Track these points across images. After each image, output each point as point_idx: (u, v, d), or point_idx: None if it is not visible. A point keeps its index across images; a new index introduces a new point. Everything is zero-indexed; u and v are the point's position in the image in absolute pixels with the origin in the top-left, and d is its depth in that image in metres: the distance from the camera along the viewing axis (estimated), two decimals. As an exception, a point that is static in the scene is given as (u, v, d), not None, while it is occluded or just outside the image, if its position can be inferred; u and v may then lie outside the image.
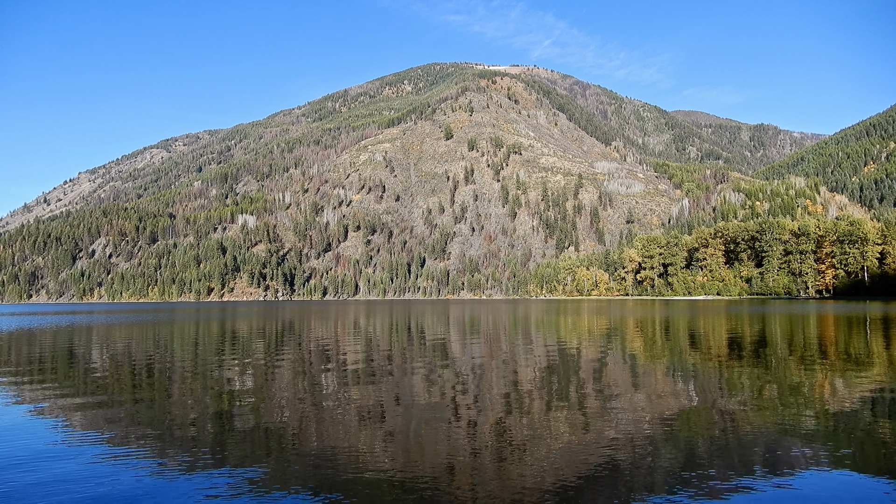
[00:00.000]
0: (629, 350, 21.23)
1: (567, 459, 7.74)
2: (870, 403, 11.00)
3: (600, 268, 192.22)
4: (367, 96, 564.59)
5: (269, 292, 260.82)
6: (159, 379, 15.05)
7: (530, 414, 10.42)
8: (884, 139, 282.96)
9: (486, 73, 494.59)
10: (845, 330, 29.00)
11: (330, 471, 7.38)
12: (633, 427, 9.37)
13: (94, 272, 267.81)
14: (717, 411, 10.51)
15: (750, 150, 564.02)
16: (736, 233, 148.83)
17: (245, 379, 14.80)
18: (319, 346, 24.40)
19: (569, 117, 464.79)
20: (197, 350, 22.77)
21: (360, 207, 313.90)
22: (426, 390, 12.87)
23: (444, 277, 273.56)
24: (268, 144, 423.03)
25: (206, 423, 9.95)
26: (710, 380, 13.97)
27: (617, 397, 11.84)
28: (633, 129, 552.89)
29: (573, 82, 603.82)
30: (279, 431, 9.33)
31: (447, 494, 6.56)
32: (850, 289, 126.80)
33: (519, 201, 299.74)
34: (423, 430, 9.37)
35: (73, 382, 14.53)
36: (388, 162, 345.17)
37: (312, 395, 12.50)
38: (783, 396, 11.75)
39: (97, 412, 10.97)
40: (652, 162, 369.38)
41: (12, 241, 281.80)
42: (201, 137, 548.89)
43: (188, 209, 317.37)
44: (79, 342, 27.19)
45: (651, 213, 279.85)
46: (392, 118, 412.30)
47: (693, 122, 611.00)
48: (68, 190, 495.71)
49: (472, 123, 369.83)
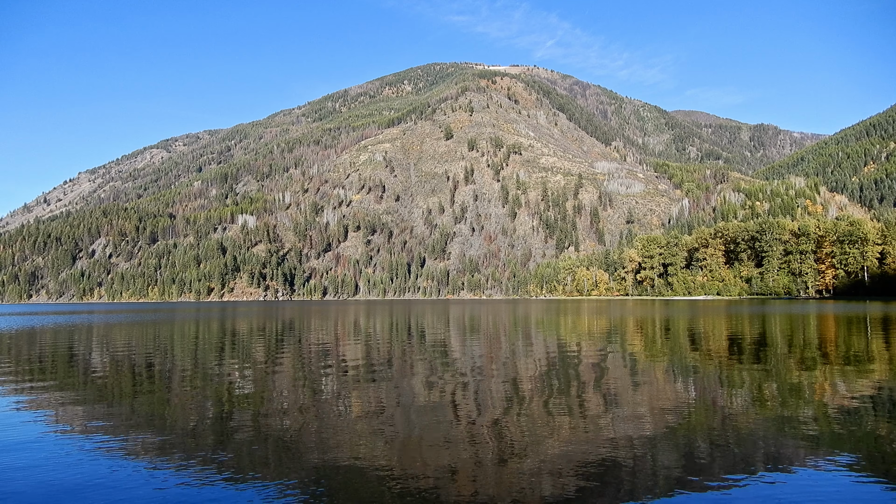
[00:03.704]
0: (629, 350, 21.21)
1: (567, 459, 7.74)
2: (870, 403, 10.99)
3: (600, 268, 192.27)
4: (367, 96, 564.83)
5: (269, 292, 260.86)
6: (159, 379, 15.04)
7: (530, 414, 10.41)
8: (884, 139, 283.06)
9: (486, 73, 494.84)
10: (845, 330, 28.99)
11: (330, 471, 7.37)
12: (634, 427, 9.37)
13: (94, 272, 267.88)
14: (718, 411, 10.50)
15: (750, 150, 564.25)
16: (736, 233, 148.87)
17: (245, 379, 14.79)
18: (319, 346, 24.39)
19: (569, 117, 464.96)
20: (197, 350, 22.77)
21: (360, 207, 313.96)
22: (426, 390, 12.86)
23: (444, 277, 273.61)
24: (268, 144, 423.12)
25: (206, 424, 9.94)
26: (709, 380, 13.96)
27: (617, 397, 11.83)
28: (633, 129, 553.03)
29: (573, 82, 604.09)
30: (279, 432, 9.32)
31: (447, 495, 6.55)
32: (850, 289, 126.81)
33: (519, 201, 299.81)
34: (423, 430, 9.36)
35: (72, 383, 14.52)
36: (388, 162, 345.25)
37: (312, 395, 12.49)
38: (783, 396, 11.74)
39: (97, 412, 10.96)
40: (652, 162, 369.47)
41: (12, 241, 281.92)
42: (201, 137, 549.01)
43: (188, 209, 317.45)
44: (79, 342, 27.18)
45: (651, 213, 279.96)
46: (392, 118, 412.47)
47: (693, 122, 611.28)
48: (68, 190, 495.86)
49: (472, 123, 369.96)
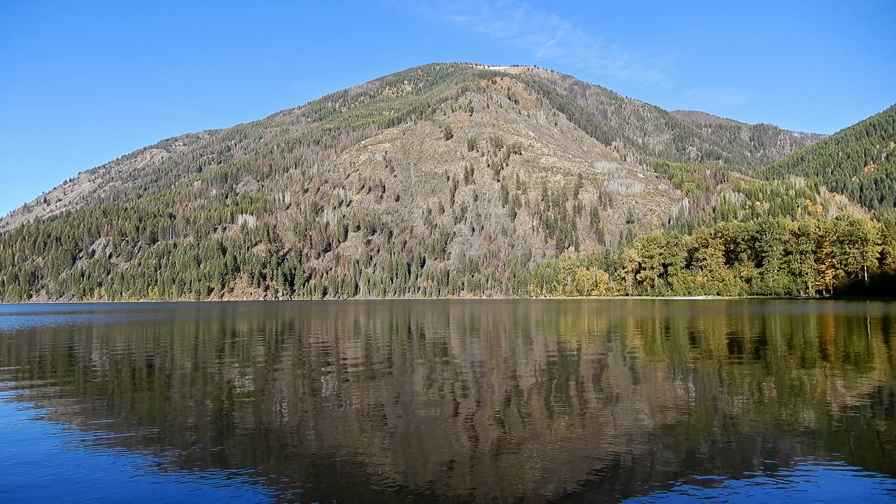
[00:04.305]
0: (629, 350, 21.21)
1: (567, 459, 7.74)
2: (870, 403, 10.99)
3: (600, 268, 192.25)
4: (367, 96, 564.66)
5: (269, 292, 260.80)
6: (159, 379, 15.04)
7: (530, 414, 10.41)
8: (884, 139, 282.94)
9: (486, 73, 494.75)
10: (845, 330, 28.99)
11: (330, 471, 7.37)
12: (634, 427, 9.37)
13: (94, 272, 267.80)
14: (718, 411, 10.50)
15: (750, 150, 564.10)
16: (736, 233, 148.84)
17: (245, 379, 14.80)
18: (319, 345, 24.40)
19: (569, 117, 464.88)
20: (197, 350, 22.76)
21: (360, 207, 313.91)
22: (426, 390, 12.86)
23: (444, 277, 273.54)
24: (268, 144, 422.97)
25: (206, 423, 9.94)
26: (710, 379, 13.96)
27: (617, 397, 11.83)
28: (633, 129, 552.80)
29: (573, 82, 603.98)
30: (279, 431, 9.33)
31: (447, 494, 6.56)
32: (850, 289, 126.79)
33: (519, 201, 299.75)
34: (422, 429, 9.36)
35: (72, 383, 14.52)
36: (388, 162, 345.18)
37: (312, 394, 12.49)
38: (783, 396, 11.74)
39: (96, 412, 10.96)
40: (652, 162, 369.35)
41: (12, 241, 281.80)
42: (201, 137, 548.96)
43: (188, 209, 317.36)
44: (79, 342, 27.18)
45: (651, 213, 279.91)
46: (392, 118, 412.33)
47: (693, 122, 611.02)
48: (68, 190, 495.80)
49: (472, 123, 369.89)
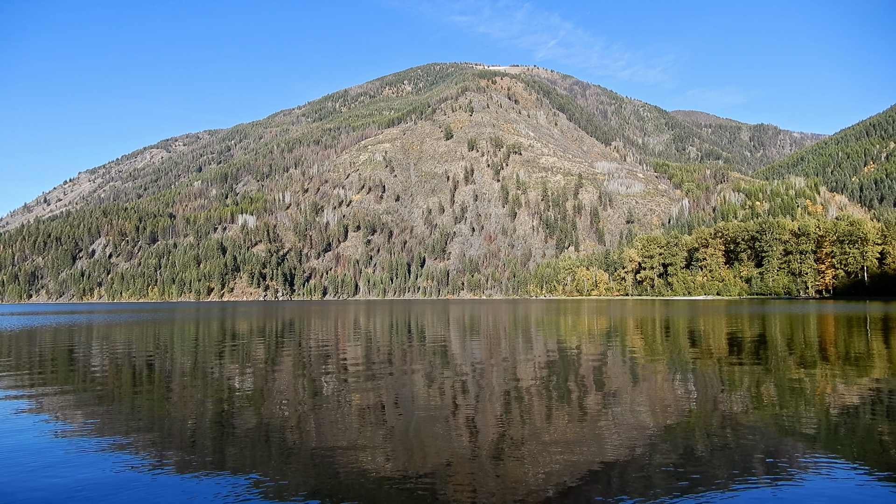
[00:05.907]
0: (629, 350, 21.21)
1: (567, 459, 7.74)
2: (870, 403, 10.99)
3: (600, 268, 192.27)
4: (367, 96, 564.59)
5: (269, 292, 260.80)
6: (159, 379, 15.04)
7: (530, 414, 10.41)
8: (884, 139, 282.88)
9: (486, 73, 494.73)
10: (845, 330, 28.99)
11: (330, 471, 7.38)
12: (634, 427, 9.37)
13: (94, 272, 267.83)
14: (717, 411, 10.50)
15: (750, 150, 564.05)
16: (736, 233, 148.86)
17: (245, 379, 14.80)
18: (319, 346, 24.39)
19: (569, 117, 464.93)
20: (197, 350, 22.76)
21: (360, 207, 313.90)
22: (426, 390, 12.86)
23: (444, 277, 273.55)
24: (268, 144, 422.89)
25: (206, 424, 9.94)
26: (710, 379, 13.96)
27: (617, 397, 11.83)
28: (633, 129, 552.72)
29: (573, 82, 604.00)
30: (279, 431, 9.33)
31: (447, 495, 6.56)
32: (850, 289, 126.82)
33: (519, 201, 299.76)
34: (423, 430, 9.36)
35: (72, 382, 14.52)
36: (388, 162, 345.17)
37: (312, 395, 12.49)
38: (783, 396, 11.74)
39: (97, 411, 10.95)
40: (652, 162, 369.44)
41: (12, 241, 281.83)
42: (201, 137, 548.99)
43: (188, 209, 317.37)
44: (78, 342, 27.18)
45: (651, 213, 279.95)
46: (392, 118, 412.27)
47: (693, 122, 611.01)
48: (68, 190, 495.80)
49: (472, 123, 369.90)
